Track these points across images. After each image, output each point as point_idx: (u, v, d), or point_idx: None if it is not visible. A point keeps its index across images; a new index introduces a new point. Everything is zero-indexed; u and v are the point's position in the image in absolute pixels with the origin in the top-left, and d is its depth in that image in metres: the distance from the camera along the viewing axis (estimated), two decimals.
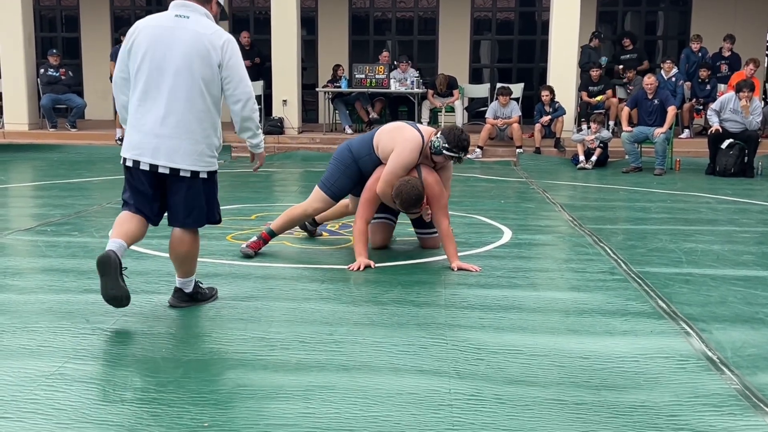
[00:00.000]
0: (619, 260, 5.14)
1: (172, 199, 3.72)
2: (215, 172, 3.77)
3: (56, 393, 2.90)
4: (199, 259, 4.01)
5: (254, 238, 5.24)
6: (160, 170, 3.62)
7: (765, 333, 3.69)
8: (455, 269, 4.77)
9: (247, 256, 5.11)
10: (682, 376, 3.15)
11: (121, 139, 3.77)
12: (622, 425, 2.70)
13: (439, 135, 4.96)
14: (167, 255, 4.03)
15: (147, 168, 3.63)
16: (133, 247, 5.32)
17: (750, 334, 3.68)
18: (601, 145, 10.81)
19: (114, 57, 13.31)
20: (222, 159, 11.31)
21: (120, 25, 15.93)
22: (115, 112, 15.99)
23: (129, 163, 3.68)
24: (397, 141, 4.95)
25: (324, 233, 5.92)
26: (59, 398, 2.85)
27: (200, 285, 4.04)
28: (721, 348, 3.47)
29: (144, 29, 3.66)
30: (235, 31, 15.07)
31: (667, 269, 4.93)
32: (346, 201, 5.46)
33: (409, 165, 4.91)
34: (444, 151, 4.91)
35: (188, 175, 3.64)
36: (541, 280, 4.71)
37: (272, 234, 5.26)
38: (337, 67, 13.33)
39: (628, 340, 3.59)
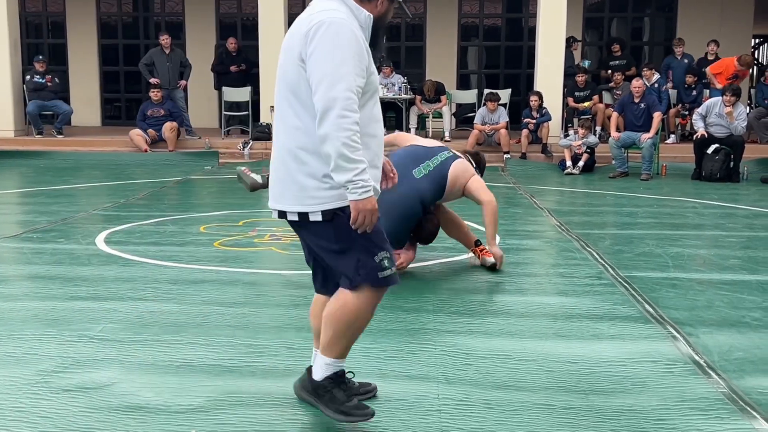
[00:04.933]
0: (606, 265, 5.16)
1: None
2: (340, 211, 2.51)
3: (41, 401, 2.88)
4: (186, 266, 3.97)
5: None
6: (273, 215, 2.65)
7: (751, 337, 3.71)
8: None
9: None
10: (669, 380, 3.16)
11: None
12: (610, 429, 2.70)
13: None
14: (154, 261, 3.98)
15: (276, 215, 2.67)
16: (119, 254, 5.34)
17: (736, 338, 3.70)
18: (588, 150, 10.86)
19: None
20: (209, 165, 11.36)
21: (106, 32, 15.92)
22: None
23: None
24: (466, 177, 4.93)
25: None
26: (44, 406, 2.83)
27: (344, 382, 2.74)
28: (708, 352, 3.48)
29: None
30: (221, 37, 15.09)
31: (654, 274, 4.95)
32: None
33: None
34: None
35: (295, 218, 2.57)
36: (529, 285, 4.72)
37: None
38: None
39: (616, 344, 3.60)
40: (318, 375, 2.72)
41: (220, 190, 9.06)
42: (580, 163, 10.76)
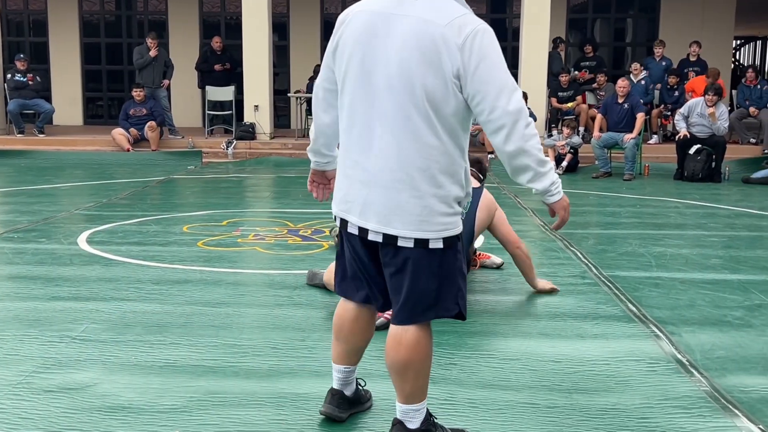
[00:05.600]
0: (589, 264, 5.18)
1: (389, 279, 2.44)
2: (456, 238, 2.39)
3: (23, 402, 2.85)
4: (169, 266, 3.94)
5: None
6: (371, 237, 2.38)
7: (733, 335, 3.74)
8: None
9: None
10: (652, 378, 3.18)
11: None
12: (593, 428, 2.71)
13: None
14: (137, 261, 3.96)
15: (356, 231, 2.42)
16: (101, 254, 5.30)
17: (718, 336, 3.72)
18: (572, 150, 10.91)
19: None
20: (192, 165, 11.31)
21: (88, 31, 15.80)
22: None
23: (338, 222, 2.52)
24: (490, 215, 4.44)
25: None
26: (26, 407, 2.81)
27: (434, 421, 2.56)
28: (691, 351, 3.51)
29: (356, 17, 2.38)
30: (206, 36, 15.02)
31: (637, 273, 4.98)
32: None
33: None
34: None
35: (410, 245, 2.34)
36: (513, 284, 4.73)
37: None
38: (317, 67, 13.32)
39: (599, 343, 3.61)
40: (415, 424, 2.47)
41: (203, 189, 9.02)
42: (564, 164, 10.81)
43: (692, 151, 10.20)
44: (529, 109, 12.62)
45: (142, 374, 3.15)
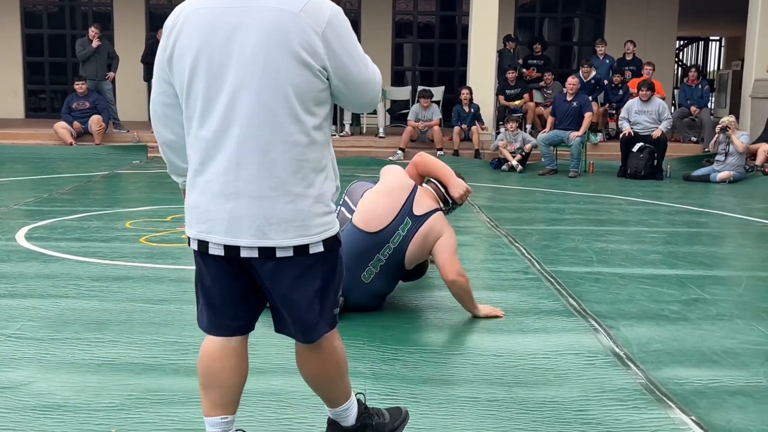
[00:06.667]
0: (533, 260, 5.26)
1: (271, 296, 2.22)
2: (335, 239, 2.20)
3: None
4: (110, 262, 3.88)
5: None
6: (244, 254, 2.11)
7: (669, 329, 3.83)
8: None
9: None
10: (590, 371, 3.24)
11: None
12: (532, 420, 2.76)
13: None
14: (77, 257, 3.88)
15: (221, 252, 2.13)
16: (40, 250, 5.17)
17: (655, 330, 3.81)
18: (523, 152, 10.94)
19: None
20: (137, 159, 11.12)
21: (30, 21, 15.41)
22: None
23: (194, 245, 2.19)
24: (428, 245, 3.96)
25: None
26: None
27: (368, 408, 2.52)
28: (628, 344, 3.58)
29: (191, 18, 2.08)
30: (152, 28, 14.78)
31: (579, 268, 5.06)
32: None
33: None
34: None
35: (289, 254, 2.11)
36: None
37: None
38: None
39: (540, 337, 3.67)
40: (350, 421, 2.42)
41: (147, 184, 8.88)
42: (517, 158, 10.82)
43: (635, 149, 10.43)
44: (477, 105, 12.74)
45: (79, 372, 3.09)
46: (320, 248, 2.14)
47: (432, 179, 4.14)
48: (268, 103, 2.03)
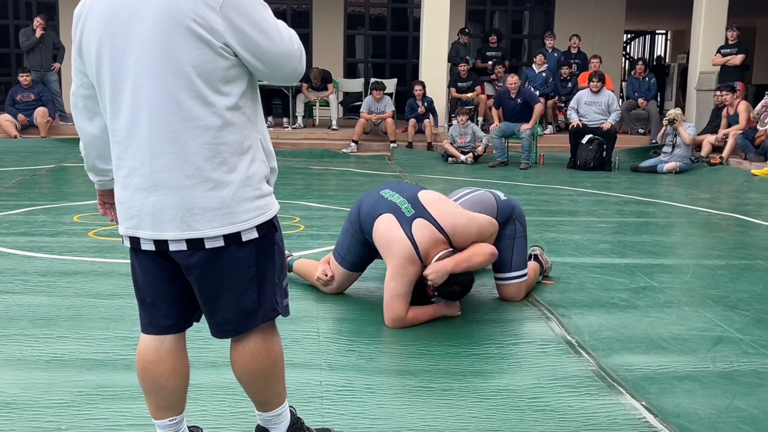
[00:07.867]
0: None
1: (201, 290, 2.12)
2: (272, 223, 2.12)
3: None
4: (58, 257, 3.79)
5: None
6: (172, 247, 2.04)
7: (619, 317, 3.91)
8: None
9: None
10: (543, 359, 3.28)
11: None
12: (486, 408, 2.78)
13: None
14: (24, 252, 3.78)
15: (152, 247, 2.07)
16: None
17: (606, 318, 3.88)
18: (475, 152, 10.99)
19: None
20: None
21: None
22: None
23: (127, 242, 2.13)
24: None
25: None
26: None
27: (301, 421, 2.39)
28: (579, 332, 3.64)
29: (93, 6, 2.03)
30: None
31: None
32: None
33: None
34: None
35: (220, 243, 2.03)
36: None
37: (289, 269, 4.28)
38: None
39: (494, 326, 3.70)
40: (281, 430, 2.30)
41: None
42: (472, 154, 10.88)
43: (584, 140, 10.59)
44: (429, 98, 12.75)
45: (26, 369, 3.02)
46: (254, 234, 2.05)
47: (456, 250, 3.75)
48: (171, 88, 1.94)
